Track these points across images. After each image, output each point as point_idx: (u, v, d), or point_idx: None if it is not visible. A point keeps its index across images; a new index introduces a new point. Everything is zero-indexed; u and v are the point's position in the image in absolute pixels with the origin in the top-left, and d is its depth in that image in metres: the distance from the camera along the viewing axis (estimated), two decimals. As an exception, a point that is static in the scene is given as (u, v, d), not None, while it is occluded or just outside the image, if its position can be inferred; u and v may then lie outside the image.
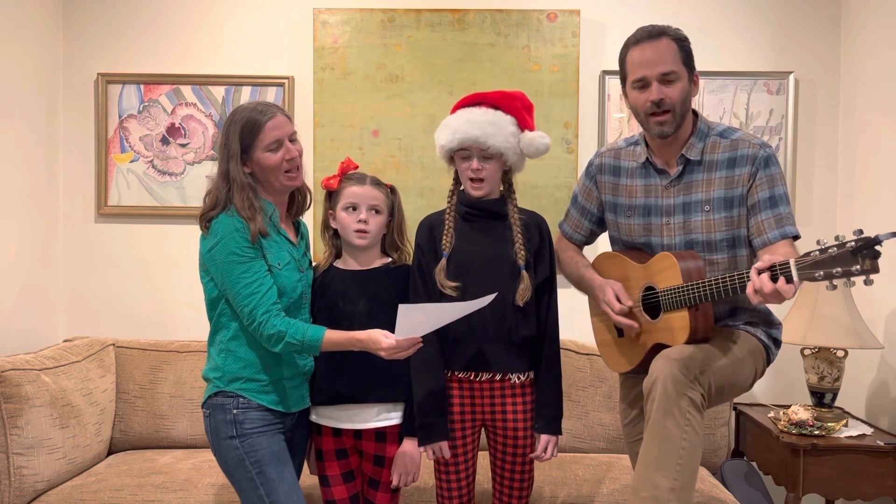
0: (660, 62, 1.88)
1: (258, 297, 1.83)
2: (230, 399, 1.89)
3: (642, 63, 1.90)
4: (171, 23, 3.09)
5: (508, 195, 2.05)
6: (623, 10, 3.06)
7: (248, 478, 1.87)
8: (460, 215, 2.03)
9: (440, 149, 2.02)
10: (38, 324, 2.96)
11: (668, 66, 1.88)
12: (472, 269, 1.96)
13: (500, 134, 1.94)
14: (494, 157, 1.96)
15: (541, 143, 1.99)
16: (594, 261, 2.17)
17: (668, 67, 1.88)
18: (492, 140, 1.93)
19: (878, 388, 2.80)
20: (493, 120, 1.95)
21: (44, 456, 2.35)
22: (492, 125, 1.94)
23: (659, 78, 1.88)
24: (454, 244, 1.99)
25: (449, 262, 1.97)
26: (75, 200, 3.11)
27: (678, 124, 1.91)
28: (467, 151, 1.96)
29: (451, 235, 1.99)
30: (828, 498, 2.63)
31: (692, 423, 1.69)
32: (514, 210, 2.03)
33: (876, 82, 2.83)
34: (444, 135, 2.00)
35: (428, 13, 3.04)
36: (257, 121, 1.88)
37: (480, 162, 1.95)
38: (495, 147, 1.94)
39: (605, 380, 2.82)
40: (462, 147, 1.96)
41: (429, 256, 2.01)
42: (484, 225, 2.02)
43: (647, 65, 1.89)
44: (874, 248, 1.46)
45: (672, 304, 1.86)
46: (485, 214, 2.02)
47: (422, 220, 2.09)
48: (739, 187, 1.90)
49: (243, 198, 1.86)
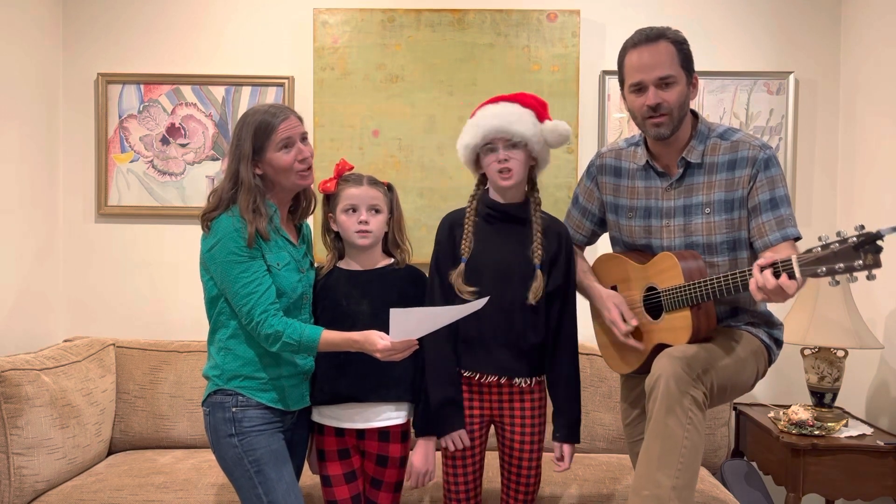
0: (657, 66, 1.88)
1: (256, 296, 1.84)
2: (229, 397, 1.90)
3: (640, 67, 1.90)
4: (171, 23, 3.09)
5: (532, 195, 2.04)
6: (623, 10, 3.06)
7: (246, 476, 1.87)
8: (481, 217, 2.02)
9: (464, 149, 2.00)
10: (38, 324, 2.96)
11: (666, 71, 1.88)
12: (488, 274, 1.96)
13: (523, 122, 1.94)
14: (519, 146, 1.95)
15: (563, 129, 1.98)
16: (595, 262, 2.17)
17: (665, 72, 1.88)
18: (515, 126, 1.93)
19: (878, 388, 2.80)
20: (513, 111, 1.96)
21: (44, 456, 2.34)
22: (512, 115, 1.95)
23: (656, 82, 1.88)
24: (473, 247, 1.98)
25: (466, 265, 1.97)
26: (75, 200, 3.11)
27: (675, 127, 1.91)
28: (492, 144, 1.95)
29: (469, 240, 1.99)
30: (828, 498, 2.63)
31: (694, 421, 1.70)
32: (536, 210, 2.02)
33: (876, 82, 2.83)
34: (467, 135, 1.99)
35: (428, 13, 3.04)
36: (270, 122, 1.88)
37: (507, 150, 1.94)
38: (520, 133, 1.93)
39: (605, 380, 2.82)
40: (486, 141, 1.95)
41: (447, 256, 2.00)
42: (504, 228, 2.01)
43: (645, 69, 1.89)
44: (876, 242, 1.46)
45: (674, 304, 1.86)
46: (506, 217, 2.01)
47: (444, 216, 2.08)
48: (740, 189, 1.90)
49: (248, 200, 1.86)
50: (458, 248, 1.99)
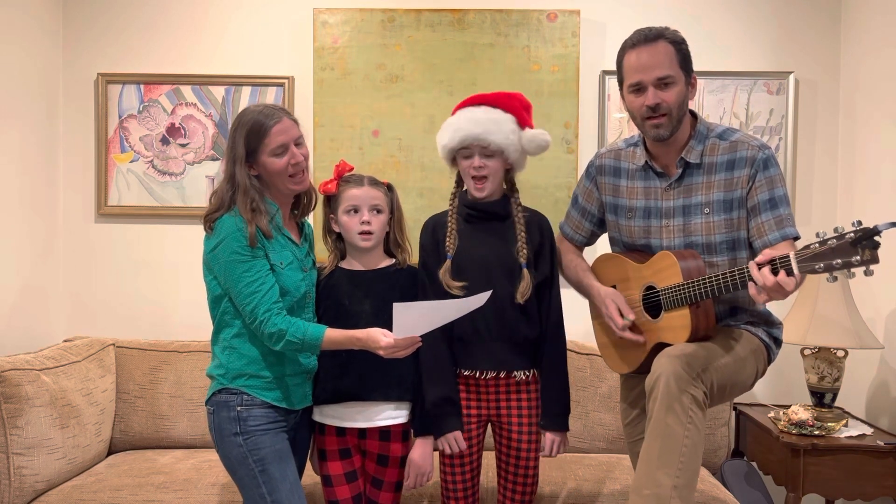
0: (656, 66, 1.88)
1: (260, 295, 1.84)
2: (234, 396, 1.90)
3: (638, 67, 1.90)
4: (171, 23, 3.09)
5: (511, 194, 2.06)
6: (623, 10, 3.06)
7: (250, 475, 1.87)
8: (462, 217, 2.04)
9: (442, 149, 2.04)
10: (38, 324, 2.96)
11: (665, 71, 1.88)
12: (474, 271, 1.97)
13: (501, 131, 1.96)
14: (495, 155, 1.97)
15: (542, 140, 2.01)
16: (594, 262, 2.17)
17: (664, 72, 1.88)
18: (492, 136, 1.95)
19: (878, 388, 2.80)
20: (494, 118, 1.97)
21: (44, 456, 2.34)
22: (492, 122, 1.96)
23: (655, 83, 1.88)
24: (457, 245, 2.00)
25: (452, 262, 1.98)
26: (75, 200, 3.11)
27: (674, 127, 1.91)
28: (469, 150, 1.98)
29: (454, 237, 2.01)
30: (828, 498, 2.63)
31: (694, 420, 1.69)
32: (516, 208, 2.03)
33: (876, 82, 2.83)
34: (445, 135, 2.01)
35: (428, 13, 3.04)
36: (263, 124, 1.88)
37: (482, 159, 1.97)
38: (496, 143, 1.95)
39: (605, 380, 2.82)
40: (463, 146, 1.98)
41: (432, 257, 2.03)
42: (486, 226, 2.03)
43: (644, 69, 1.89)
44: (873, 238, 1.46)
45: (673, 303, 1.86)
46: (486, 216, 2.03)
47: (426, 220, 2.10)
48: (739, 189, 1.90)
49: (246, 201, 1.87)
50: (443, 248, 2.00)
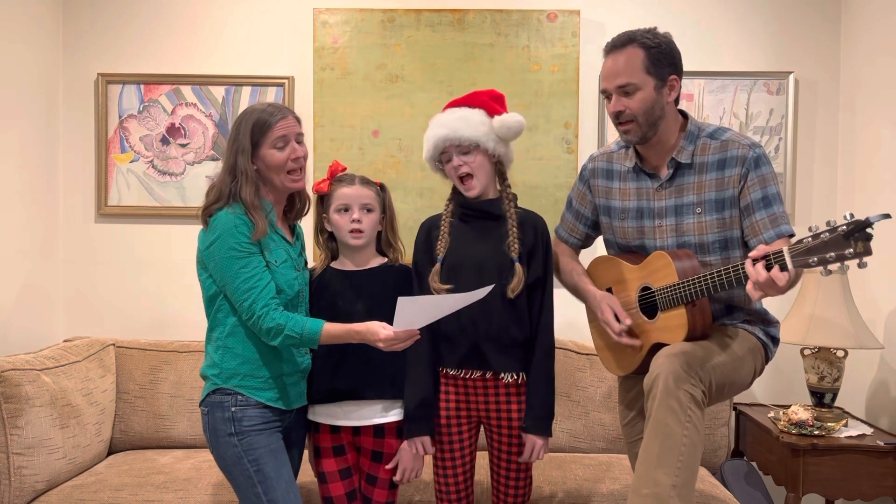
0: (618, 74, 1.90)
1: (257, 291, 1.84)
2: (228, 397, 1.90)
3: (605, 75, 1.95)
4: (171, 23, 3.09)
5: (504, 191, 2.05)
6: (623, 10, 3.06)
7: (245, 475, 1.87)
8: (457, 217, 2.05)
9: (427, 163, 2.07)
10: (38, 324, 2.96)
11: (625, 79, 1.89)
12: (465, 269, 1.97)
13: (470, 125, 1.97)
14: (472, 150, 1.98)
15: (513, 122, 1.99)
16: (590, 265, 2.18)
17: (624, 80, 1.89)
18: (463, 132, 1.96)
19: (878, 388, 2.80)
20: (461, 115, 1.99)
21: (44, 456, 2.34)
22: (460, 120, 1.98)
23: (616, 90, 1.90)
24: (449, 246, 2.01)
25: (442, 265, 1.98)
26: (75, 200, 3.11)
27: (646, 132, 1.92)
28: (447, 153, 2.00)
29: (445, 240, 2.01)
30: (828, 498, 2.63)
31: (693, 420, 1.70)
32: (509, 204, 2.03)
33: (876, 82, 2.83)
34: (425, 148, 2.04)
35: (428, 13, 3.04)
36: (267, 120, 1.92)
37: (459, 157, 1.98)
38: (468, 138, 1.96)
39: (605, 380, 2.82)
40: (441, 151, 2.00)
41: (425, 259, 2.03)
42: (480, 225, 2.03)
43: (606, 77, 1.93)
44: (866, 230, 1.46)
45: (669, 303, 1.86)
46: (481, 215, 2.03)
47: (423, 221, 2.11)
48: (730, 189, 1.91)
49: (251, 191, 1.88)
50: (435, 250, 2.01)
